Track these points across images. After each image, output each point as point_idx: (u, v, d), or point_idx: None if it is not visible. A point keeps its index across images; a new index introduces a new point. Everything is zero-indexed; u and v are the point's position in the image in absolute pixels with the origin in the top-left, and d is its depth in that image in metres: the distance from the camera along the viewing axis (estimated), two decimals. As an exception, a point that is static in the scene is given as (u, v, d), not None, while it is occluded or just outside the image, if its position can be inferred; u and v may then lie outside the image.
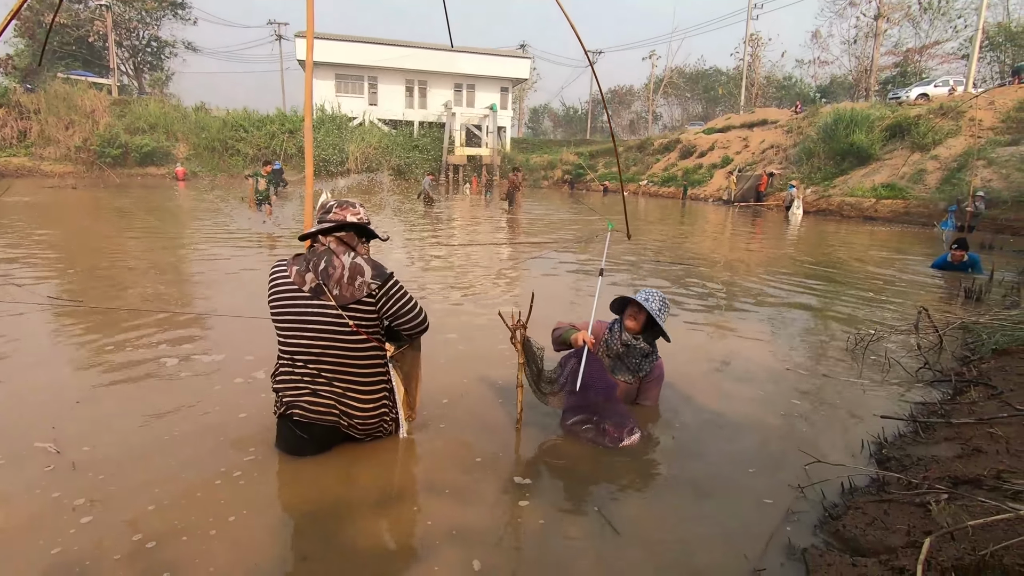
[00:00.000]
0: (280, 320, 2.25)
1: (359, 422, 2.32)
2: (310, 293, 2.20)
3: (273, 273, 2.31)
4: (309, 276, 2.21)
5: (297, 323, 2.21)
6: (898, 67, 41.05)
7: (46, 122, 26.95)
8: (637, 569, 1.77)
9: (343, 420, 2.29)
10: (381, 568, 1.75)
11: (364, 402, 2.31)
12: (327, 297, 2.19)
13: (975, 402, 2.94)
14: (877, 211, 17.69)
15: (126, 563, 1.69)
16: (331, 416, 2.27)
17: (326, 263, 2.20)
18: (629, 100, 66.22)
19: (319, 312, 2.19)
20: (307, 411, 2.25)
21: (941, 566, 1.57)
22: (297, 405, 2.25)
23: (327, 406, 2.26)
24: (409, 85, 35.68)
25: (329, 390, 2.26)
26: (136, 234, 9.10)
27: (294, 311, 2.22)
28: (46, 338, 3.83)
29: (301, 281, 2.21)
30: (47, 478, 2.12)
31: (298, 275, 2.23)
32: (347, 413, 2.29)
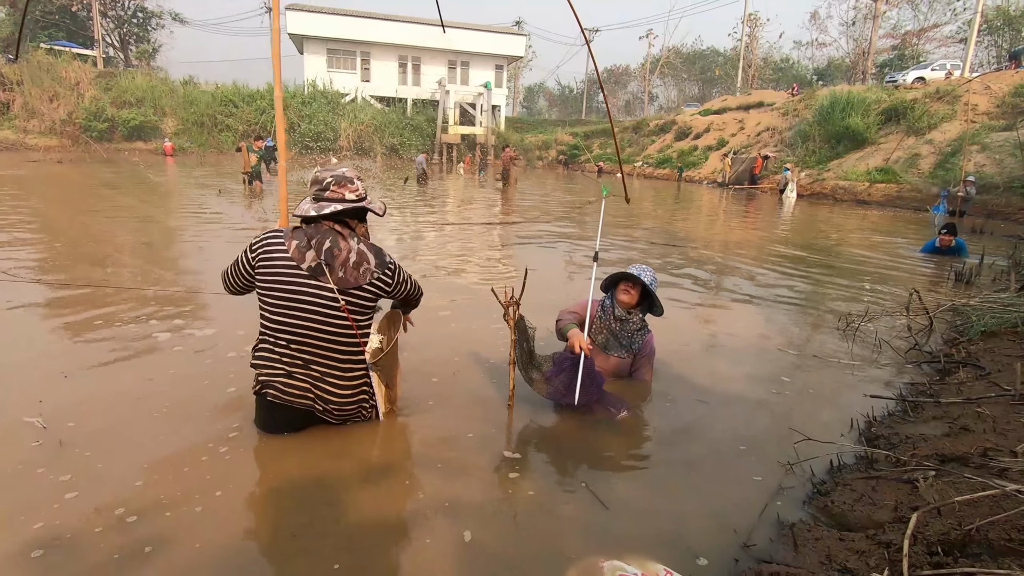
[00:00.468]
0: (270, 295, 2.14)
1: (335, 407, 2.25)
2: (308, 272, 2.11)
3: (266, 242, 2.17)
4: (310, 254, 2.12)
5: (288, 301, 2.12)
6: (896, 50, 40.84)
7: (30, 94, 26.28)
8: (626, 542, 1.77)
9: (318, 405, 2.22)
10: (372, 541, 1.74)
11: (342, 388, 2.25)
12: (326, 279, 2.12)
13: (963, 382, 2.97)
14: (870, 195, 17.73)
15: (109, 538, 1.67)
16: (305, 400, 2.20)
17: (331, 243, 2.13)
18: (625, 80, 65.57)
19: (314, 293, 2.12)
20: (282, 393, 2.18)
21: (927, 540, 1.58)
22: (272, 385, 2.17)
23: (302, 390, 2.19)
24: (402, 61, 35.08)
25: (305, 374, 2.18)
26: (122, 211, 8.95)
27: (288, 288, 2.12)
28: (32, 313, 3.77)
29: (300, 258, 2.12)
30: (34, 453, 2.09)
31: (297, 251, 2.12)
32: (322, 398, 2.22)
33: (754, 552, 1.74)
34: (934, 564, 1.49)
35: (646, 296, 2.88)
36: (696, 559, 1.71)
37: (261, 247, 2.18)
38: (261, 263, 2.16)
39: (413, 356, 3.22)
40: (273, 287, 2.14)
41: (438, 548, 1.71)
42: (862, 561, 1.59)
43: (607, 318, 2.91)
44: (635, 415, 2.68)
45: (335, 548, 1.69)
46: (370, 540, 1.75)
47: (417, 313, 2.72)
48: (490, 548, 1.73)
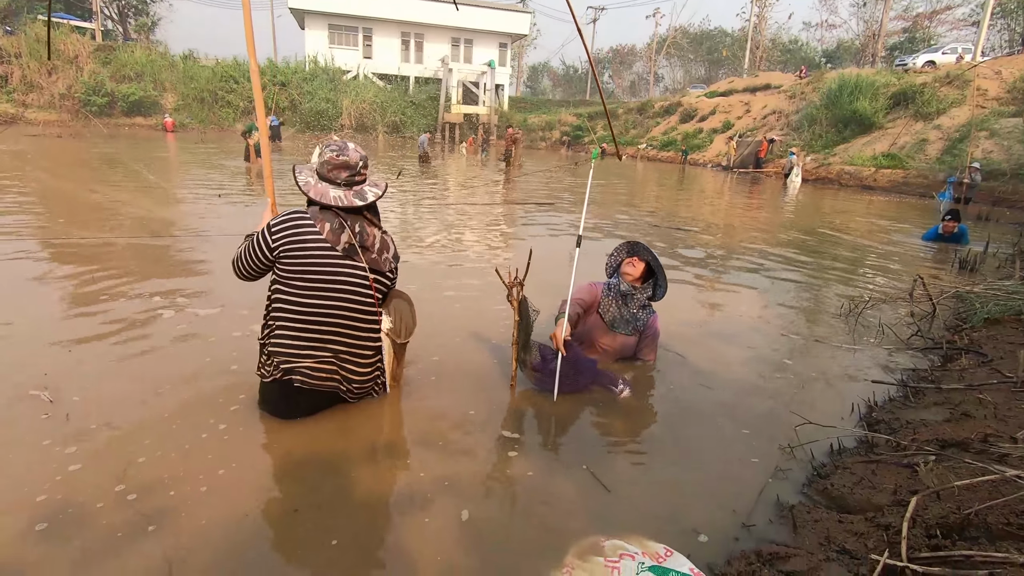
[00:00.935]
0: (301, 278, 2.07)
1: (356, 386, 2.28)
2: (343, 253, 2.10)
3: (293, 224, 2.08)
4: (345, 235, 2.10)
5: (323, 283, 2.08)
6: (907, 32, 40.17)
7: (28, 67, 25.99)
8: (627, 522, 1.79)
9: (343, 385, 2.23)
10: (372, 518, 1.76)
11: (362, 366, 2.28)
12: (359, 258, 2.13)
13: (965, 369, 2.97)
14: (876, 180, 17.60)
15: (110, 513, 1.68)
16: (332, 381, 2.20)
17: (361, 227, 2.15)
18: (631, 60, 64.65)
19: (349, 274, 2.12)
20: (309, 378, 2.14)
21: (926, 523, 1.60)
22: (297, 371, 2.13)
23: (328, 371, 2.18)
24: (405, 38, 34.56)
25: (332, 355, 2.17)
26: (127, 188, 8.89)
27: (323, 271, 2.08)
28: (37, 287, 3.77)
29: (336, 240, 2.09)
30: (39, 425, 2.11)
31: (332, 233, 2.09)
32: (347, 378, 2.23)
33: (754, 532, 1.76)
34: (932, 547, 1.51)
35: (651, 274, 2.89)
36: (697, 536, 1.73)
37: (287, 229, 2.08)
38: (289, 246, 2.07)
39: (417, 335, 3.22)
40: (306, 270, 2.07)
41: (436, 526, 1.73)
42: (860, 543, 1.60)
43: (613, 295, 2.92)
44: (637, 397, 2.69)
45: (334, 525, 1.70)
46: (370, 517, 1.77)
47: (422, 292, 2.72)
48: (489, 527, 1.75)
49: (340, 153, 2.13)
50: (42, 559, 1.51)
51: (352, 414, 2.33)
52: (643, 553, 1.59)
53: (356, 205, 2.13)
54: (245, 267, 2.21)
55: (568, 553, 1.62)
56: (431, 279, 4.48)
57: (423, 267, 4.92)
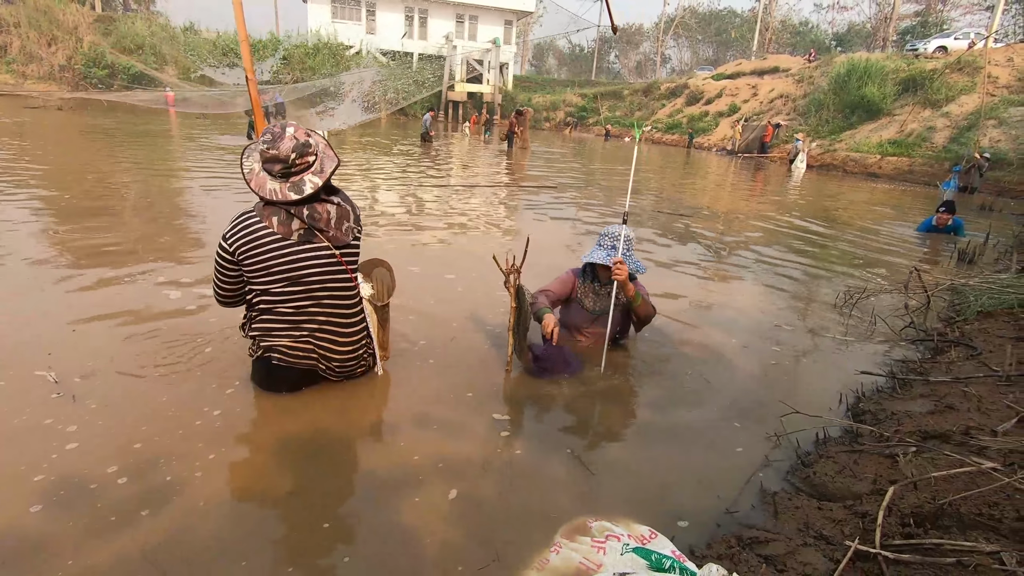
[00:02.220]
0: (266, 274, 2.09)
1: (337, 364, 2.31)
2: (298, 240, 2.08)
3: (242, 228, 2.06)
4: (295, 223, 2.07)
5: (288, 273, 2.10)
6: (919, 16, 39.46)
7: (27, 37, 25.72)
8: (612, 505, 1.85)
9: (321, 364, 2.28)
10: (365, 500, 1.81)
11: (344, 344, 2.29)
12: (319, 239, 2.11)
13: (953, 361, 3.02)
14: (881, 168, 17.49)
15: (104, 495, 1.71)
16: (309, 360, 2.26)
17: (310, 210, 2.07)
18: (638, 40, 63.69)
19: (312, 256, 2.11)
20: (285, 355, 2.22)
21: (901, 512, 1.66)
22: (275, 349, 2.21)
23: (305, 351, 2.23)
24: (409, 14, 34.04)
25: (308, 336, 2.22)
26: (129, 166, 8.88)
27: (284, 262, 2.08)
28: (41, 266, 3.81)
29: (287, 231, 2.06)
30: (42, 405, 2.15)
31: (281, 226, 2.05)
32: (325, 357, 2.27)
33: (736, 518, 1.82)
34: (905, 535, 1.57)
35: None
36: (678, 521, 1.80)
37: (239, 235, 2.07)
38: (246, 250, 2.06)
39: (416, 318, 3.28)
40: (267, 267, 2.08)
41: (427, 505, 1.79)
42: (838, 529, 1.67)
43: (588, 284, 2.95)
44: (628, 382, 2.75)
45: (327, 507, 1.75)
46: (363, 498, 1.82)
47: (422, 276, 2.76)
48: (479, 507, 1.81)
49: (271, 146, 1.99)
50: (36, 541, 1.54)
51: (348, 394, 2.39)
52: (628, 535, 1.65)
53: (291, 199, 2.02)
54: (221, 289, 2.22)
55: (557, 533, 1.69)
56: (430, 262, 4.52)
57: (422, 250, 4.95)
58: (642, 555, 1.57)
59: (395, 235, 5.39)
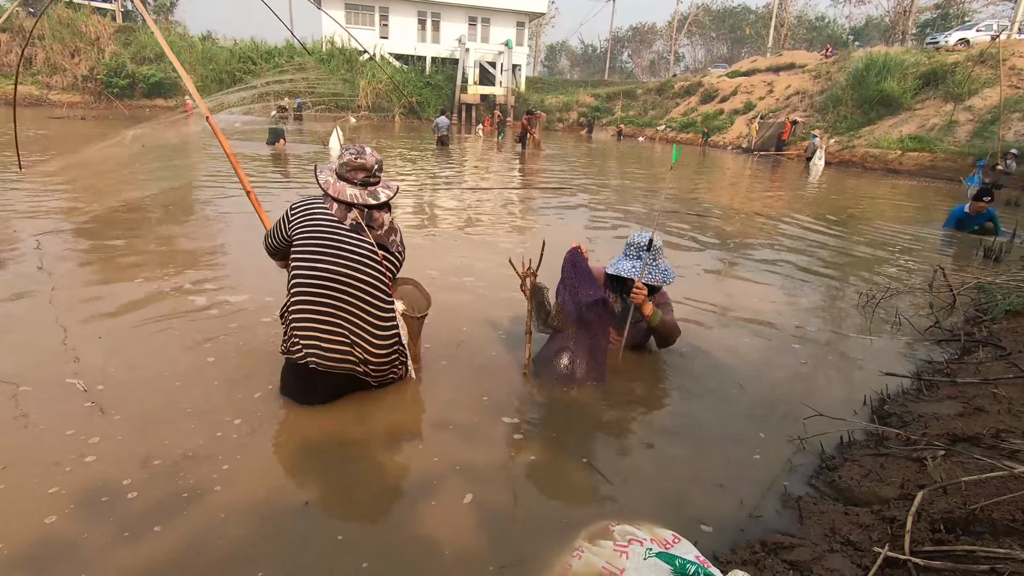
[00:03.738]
0: (311, 243, 2.23)
1: (374, 367, 2.32)
2: (350, 228, 2.29)
3: (306, 204, 2.34)
4: (352, 214, 2.31)
5: (330, 249, 2.23)
6: (939, 8, 38.68)
7: (51, 49, 26.37)
8: (632, 510, 1.84)
9: (359, 367, 2.28)
10: (382, 509, 1.81)
11: (379, 345, 2.31)
12: (367, 234, 2.31)
13: (982, 362, 2.96)
14: (902, 164, 17.15)
15: (118, 509, 1.71)
16: (349, 361, 2.25)
17: (369, 212, 2.35)
18: (651, 39, 63.32)
19: (356, 244, 2.28)
20: (325, 358, 2.21)
21: (931, 517, 1.63)
22: (313, 351, 2.21)
23: (344, 352, 2.24)
24: (421, 18, 34.24)
25: (347, 330, 2.23)
26: (150, 175, 9.05)
27: (330, 238, 2.25)
28: (69, 274, 3.90)
29: (343, 216, 2.30)
30: (68, 413, 2.17)
31: (340, 211, 2.31)
32: (363, 358, 2.28)
33: (760, 523, 1.80)
34: (936, 541, 1.54)
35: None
36: (701, 526, 1.78)
37: (302, 206, 2.34)
38: (301, 218, 2.29)
39: (433, 321, 3.29)
40: (315, 236, 2.25)
41: (446, 511, 1.79)
42: (865, 535, 1.64)
43: (617, 293, 2.91)
44: (648, 386, 2.73)
45: (342, 517, 1.74)
46: (380, 508, 1.81)
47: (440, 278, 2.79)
48: (495, 512, 1.81)
49: (358, 156, 2.33)
50: (55, 550, 1.55)
51: (366, 401, 2.39)
52: (651, 539, 1.64)
53: (370, 203, 2.34)
54: (271, 240, 2.45)
55: (579, 537, 1.69)
56: (448, 265, 4.54)
57: (439, 252, 4.96)
58: (666, 560, 1.56)
59: (411, 238, 5.42)
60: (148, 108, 26.88)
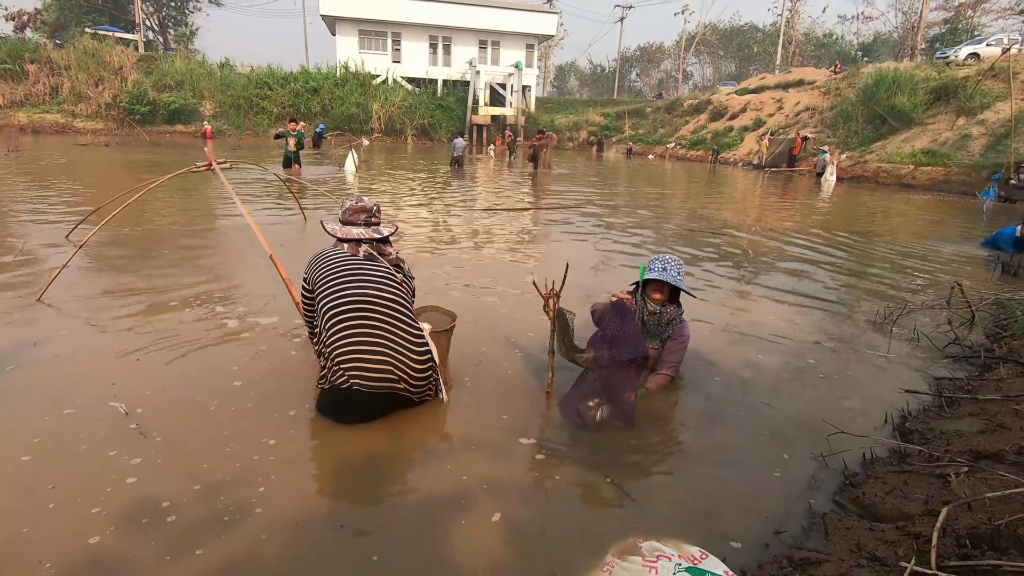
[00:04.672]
0: (334, 278, 2.47)
1: (414, 382, 2.44)
2: (365, 258, 2.62)
3: (318, 254, 2.66)
4: (363, 248, 2.65)
5: (353, 276, 2.48)
6: (948, 24, 38.74)
7: (77, 79, 27.26)
8: (657, 528, 1.88)
9: (400, 384, 2.38)
10: (413, 525, 1.86)
11: (417, 360, 2.43)
12: (380, 261, 2.64)
13: (1003, 379, 2.96)
14: (915, 178, 17.09)
15: (156, 533, 1.76)
16: (390, 379, 2.35)
17: (376, 246, 2.71)
18: (659, 58, 63.97)
19: (373, 268, 2.56)
20: (367, 378, 2.31)
21: (956, 533, 1.65)
22: (356, 373, 2.30)
23: (386, 369, 2.34)
24: (433, 42, 34.96)
25: (387, 347, 2.36)
26: (176, 199, 9.29)
27: (350, 269, 2.51)
28: (105, 298, 4.04)
29: (355, 251, 2.65)
30: (110, 435, 2.25)
31: (351, 248, 2.66)
32: (405, 374, 2.39)
33: (785, 539, 1.83)
34: (961, 556, 1.56)
35: (675, 290, 2.93)
36: (730, 543, 1.82)
37: (315, 258, 2.65)
38: (317, 266, 2.58)
39: (460, 340, 3.36)
40: (335, 272, 2.50)
41: (475, 530, 1.84)
42: (891, 551, 1.67)
43: (639, 312, 2.97)
44: (670, 404, 2.77)
45: (377, 539, 1.79)
46: (414, 527, 1.85)
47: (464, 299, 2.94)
48: (522, 530, 1.86)
49: (358, 201, 2.76)
50: (93, 573, 1.61)
51: (395, 421, 2.46)
52: (679, 555, 1.68)
53: (374, 238, 2.71)
54: (304, 308, 2.80)
55: (608, 553, 1.73)
56: (469, 286, 4.62)
57: (460, 274, 5.05)
58: (694, 575, 1.60)
59: (431, 258, 5.52)
60: (169, 134, 27.59)
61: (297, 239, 6.28)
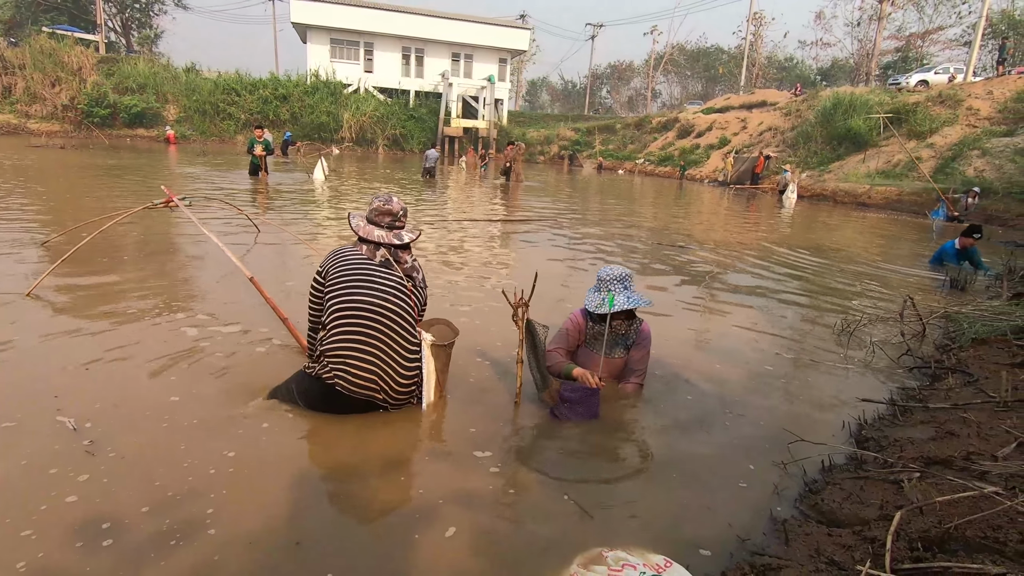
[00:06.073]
0: (345, 278, 2.48)
1: (395, 395, 2.47)
2: (379, 264, 2.57)
3: (337, 250, 2.63)
4: (380, 252, 2.61)
5: (364, 282, 2.48)
6: (900, 52, 40.87)
7: (31, 78, 26.26)
8: (623, 539, 1.89)
9: (379, 394, 2.43)
10: (370, 541, 1.81)
11: (405, 375, 2.48)
12: (395, 269, 2.60)
13: (952, 388, 3.09)
14: (870, 198, 17.84)
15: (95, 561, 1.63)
16: (372, 389, 2.40)
17: (393, 252, 2.64)
18: (629, 76, 65.46)
19: (386, 276, 2.54)
20: (351, 382, 2.37)
21: (909, 537, 1.70)
22: (342, 373, 2.37)
23: (370, 379, 2.39)
24: (406, 53, 35.01)
25: (376, 359, 2.39)
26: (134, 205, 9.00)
27: (362, 273, 2.51)
28: (54, 306, 3.86)
29: (372, 255, 2.60)
30: (57, 453, 2.11)
31: (369, 251, 2.61)
32: (388, 386, 2.43)
33: (748, 546, 1.86)
34: (914, 559, 1.61)
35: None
36: (698, 550, 1.83)
37: (333, 253, 2.62)
38: (333, 262, 2.56)
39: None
40: (347, 273, 2.50)
41: (438, 544, 1.80)
42: (848, 555, 1.71)
43: (595, 326, 2.93)
44: (635, 415, 2.80)
45: (333, 557, 1.71)
46: (368, 542, 1.80)
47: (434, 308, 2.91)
48: (493, 543, 1.84)
49: (386, 203, 2.67)
50: None
51: (360, 430, 2.41)
52: (644, 564, 1.68)
53: (394, 244, 2.65)
54: (312, 303, 2.68)
55: (573, 563, 1.72)
56: (440, 295, 4.59)
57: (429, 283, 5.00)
58: (659, 583, 1.60)
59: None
60: (129, 138, 26.78)
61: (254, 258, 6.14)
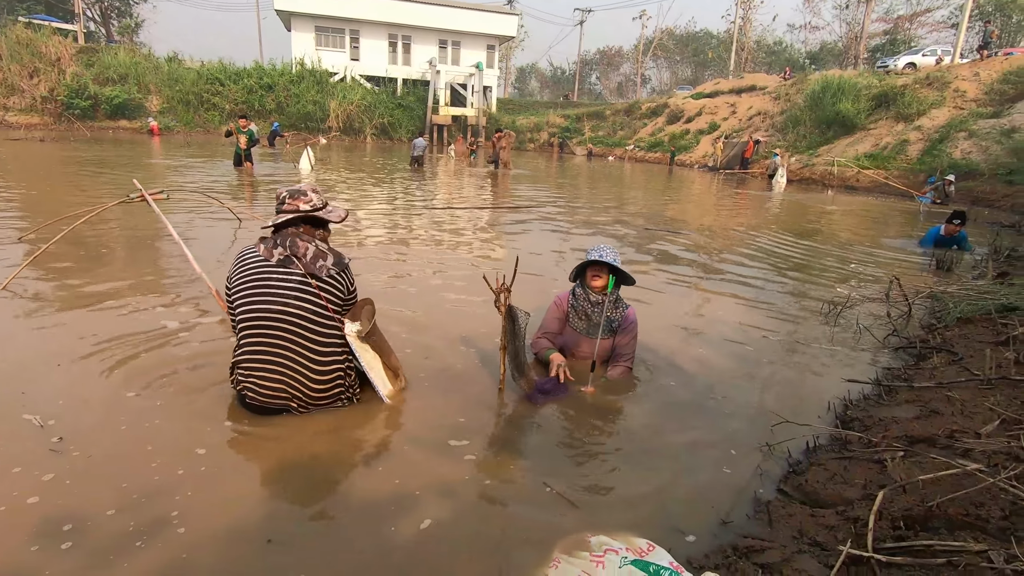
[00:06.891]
0: (243, 287, 2.34)
1: (311, 400, 2.37)
2: (277, 263, 2.36)
3: (240, 255, 2.47)
4: (278, 250, 2.38)
5: (261, 288, 2.32)
6: (888, 34, 40.85)
7: (9, 70, 25.62)
8: (607, 523, 1.86)
9: (292, 402, 2.34)
10: (348, 536, 1.76)
11: (318, 381, 2.35)
12: (295, 266, 2.37)
13: (936, 367, 3.09)
14: (859, 181, 17.89)
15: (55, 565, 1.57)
16: (282, 397, 2.32)
17: (291, 242, 2.40)
18: (618, 62, 65.07)
19: (285, 277, 2.34)
20: (259, 394, 2.31)
21: (892, 516, 1.69)
22: (250, 384, 2.31)
23: (277, 389, 2.30)
24: (392, 40, 34.50)
25: (281, 368, 2.29)
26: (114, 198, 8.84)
27: (259, 277, 2.34)
28: (25, 300, 3.78)
29: (269, 255, 2.39)
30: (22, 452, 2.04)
31: (266, 250, 2.40)
32: (300, 393, 2.33)
33: (732, 528, 1.84)
34: (896, 538, 1.60)
35: (615, 272, 2.92)
36: (682, 535, 1.81)
37: (237, 260, 2.46)
38: (235, 271, 2.42)
39: (411, 337, 3.29)
40: (247, 280, 2.35)
41: (417, 533, 1.77)
42: (831, 535, 1.69)
43: (581, 305, 2.98)
44: (620, 398, 2.78)
45: (305, 555, 1.67)
46: (345, 537, 1.75)
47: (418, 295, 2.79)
48: (474, 531, 1.81)
49: (280, 189, 2.54)
50: None
51: (334, 420, 2.37)
52: (627, 548, 1.67)
53: (301, 208, 2.46)
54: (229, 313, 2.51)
55: (555, 548, 1.70)
56: (423, 283, 4.54)
57: (414, 271, 4.97)
58: (640, 567, 1.58)
59: (387, 257, 5.41)
60: (112, 130, 26.27)
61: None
